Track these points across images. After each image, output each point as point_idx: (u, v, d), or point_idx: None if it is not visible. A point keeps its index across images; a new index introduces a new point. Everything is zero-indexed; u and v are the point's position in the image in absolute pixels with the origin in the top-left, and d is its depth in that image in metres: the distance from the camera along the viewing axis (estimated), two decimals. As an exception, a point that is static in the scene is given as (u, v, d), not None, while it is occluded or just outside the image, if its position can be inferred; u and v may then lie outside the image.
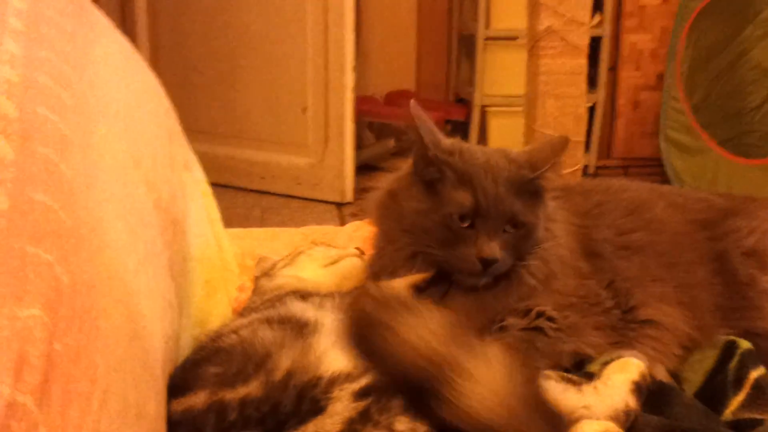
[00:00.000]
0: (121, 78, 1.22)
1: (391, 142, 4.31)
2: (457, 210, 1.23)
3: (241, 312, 1.25)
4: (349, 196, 3.76)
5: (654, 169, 3.71)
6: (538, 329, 1.22)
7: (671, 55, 3.50)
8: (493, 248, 1.22)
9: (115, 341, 0.75)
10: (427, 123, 1.28)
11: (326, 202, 3.76)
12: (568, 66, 2.46)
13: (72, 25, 1.13)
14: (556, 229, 1.31)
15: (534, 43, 2.48)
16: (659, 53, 3.77)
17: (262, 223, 3.50)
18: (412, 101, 1.30)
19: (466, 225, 1.23)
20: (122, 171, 1.01)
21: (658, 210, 1.41)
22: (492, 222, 1.23)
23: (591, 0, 2.47)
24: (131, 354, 0.79)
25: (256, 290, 1.36)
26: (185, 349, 1.10)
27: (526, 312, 1.24)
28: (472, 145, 1.34)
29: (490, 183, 1.24)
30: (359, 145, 3.99)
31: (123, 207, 0.95)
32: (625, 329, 1.27)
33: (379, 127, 4.30)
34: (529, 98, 2.59)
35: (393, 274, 1.28)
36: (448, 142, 1.32)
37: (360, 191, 3.81)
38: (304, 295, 1.17)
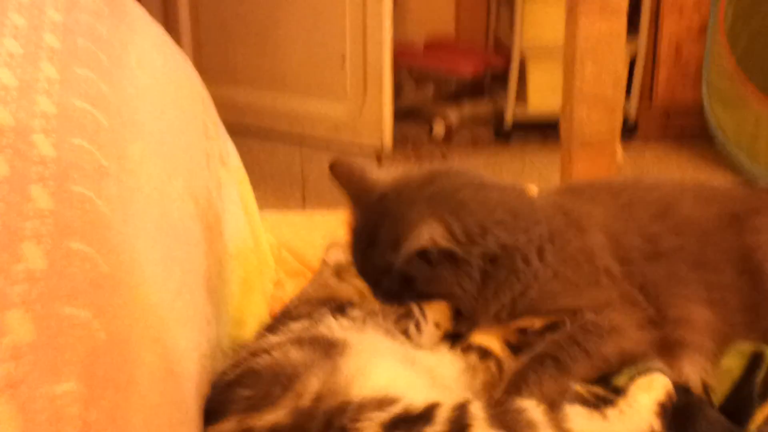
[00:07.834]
0: (156, 80, 1.21)
1: (430, 89, 4.28)
2: None
3: (283, 312, 1.23)
4: (388, 144, 3.75)
5: (696, 119, 3.65)
6: (585, 330, 1.23)
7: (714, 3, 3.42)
8: None
9: (150, 387, 0.75)
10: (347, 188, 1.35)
11: (365, 151, 3.76)
12: (606, 28, 2.41)
13: (107, 27, 1.12)
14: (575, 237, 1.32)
15: (573, 4, 2.44)
16: (703, 2, 3.69)
17: (302, 176, 3.52)
18: None
19: None
20: (158, 188, 1.00)
21: (685, 207, 1.40)
22: None
23: (632, -45, 2.41)
24: (166, 397, 0.79)
25: (317, 280, 1.33)
26: (221, 355, 1.08)
27: (572, 312, 1.25)
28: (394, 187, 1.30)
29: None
30: (398, 92, 3.97)
31: (159, 230, 0.94)
32: (660, 328, 1.28)
33: (418, 73, 4.26)
34: (567, 59, 2.54)
35: None
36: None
37: (400, 139, 3.80)
38: (341, 307, 1.14)
